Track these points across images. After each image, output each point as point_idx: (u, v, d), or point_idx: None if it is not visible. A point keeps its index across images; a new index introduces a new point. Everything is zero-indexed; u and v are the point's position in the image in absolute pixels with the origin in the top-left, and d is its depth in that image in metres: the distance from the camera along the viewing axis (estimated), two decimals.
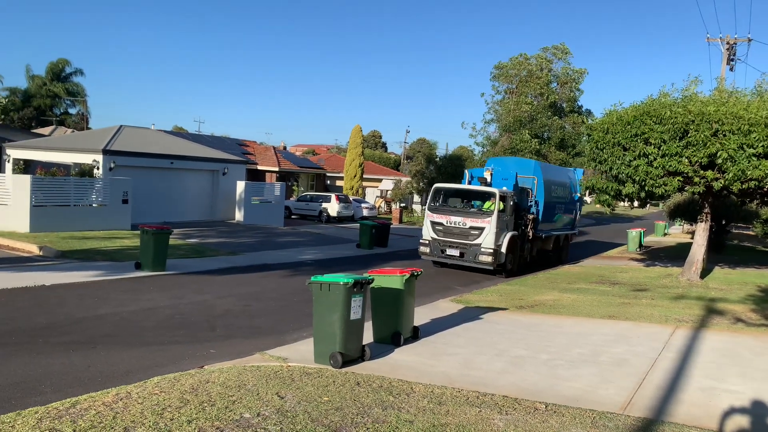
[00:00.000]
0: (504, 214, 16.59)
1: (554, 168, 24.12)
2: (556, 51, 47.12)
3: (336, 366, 7.09)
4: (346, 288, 7.14)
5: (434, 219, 17.22)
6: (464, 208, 17.13)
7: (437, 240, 17.09)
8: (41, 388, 6.30)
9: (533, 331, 9.85)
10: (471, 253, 16.43)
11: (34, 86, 50.24)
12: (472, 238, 16.46)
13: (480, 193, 17.35)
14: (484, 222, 16.36)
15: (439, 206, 17.44)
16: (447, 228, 16.92)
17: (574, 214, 23.26)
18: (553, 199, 20.28)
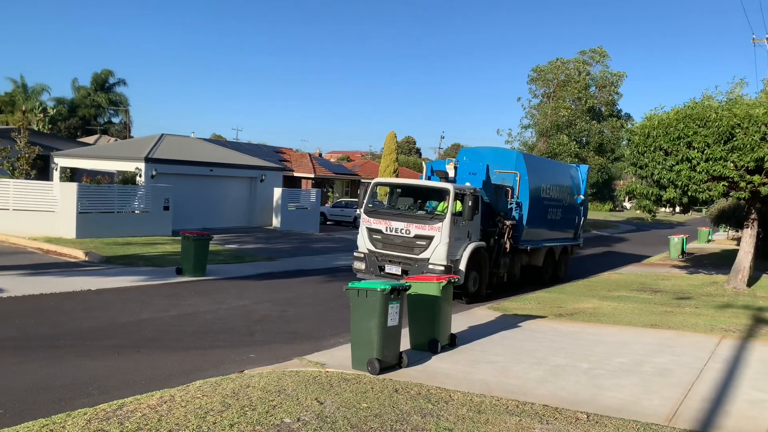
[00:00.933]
0: (462, 219, 12.58)
1: (547, 162, 20.08)
2: (594, 54, 46.43)
3: (374, 372, 7.11)
4: (383, 294, 7.16)
5: (371, 225, 13.10)
6: (409, 211, 13.20)
7: (375, 253, 12.99)
8: (89, 389, 6.50)
9: (573, 340, 9.70)
10: (416, 271, 12.10)
11: (79, 97, 51.93)
12: (418, 251, 12.39)
13: (429, 190, 13.57)
14: (433, 229, 12.32)
15: (378, 208, 13.69)
16: (386, 237, 12.84)
17: (576, 221, 19.04)
18: (545, 202, 16.50)
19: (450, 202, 12.39)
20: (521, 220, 15.11)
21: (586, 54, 46.18)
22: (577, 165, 20.33)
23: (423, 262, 12.31)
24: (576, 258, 26.29)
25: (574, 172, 19.37)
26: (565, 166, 20.24)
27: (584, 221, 19.80)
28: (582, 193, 18.96)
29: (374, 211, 13.33)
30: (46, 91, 48.21)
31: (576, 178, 19.10)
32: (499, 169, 15.24)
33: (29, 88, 46.22)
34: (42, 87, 47.36)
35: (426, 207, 13.30)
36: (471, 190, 12.86)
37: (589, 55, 46.19)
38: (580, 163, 38.04)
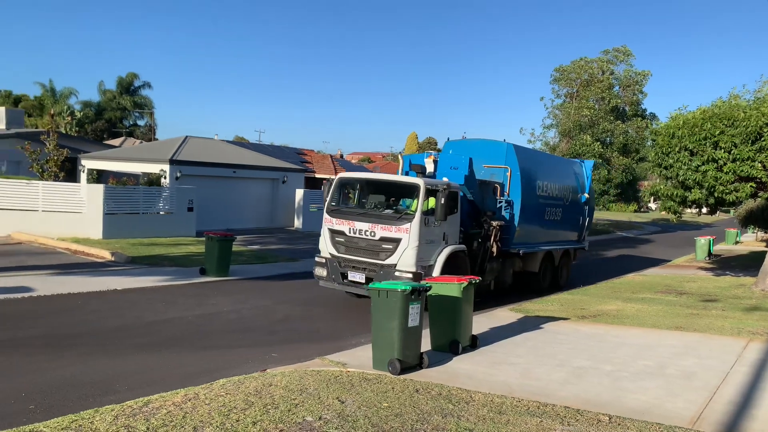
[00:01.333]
0: (433, 219, 10.96)
1: (545, 157, 17.70)
2: (618, 53, 45.91)
3: (394, 372, 7.14)
4: (404, 295, 7.19)
5: (333, 226, 11.53)
6: (374, 210, 11.52)
7: (337, 258, 11.42)
8: (116, 387, 6.64)
9: (596, 342, 9.61)
10: (381, 279, 10.27)
11: (105, 100, 52.87)
12: (384, 256, 10.84)
13: (397, 186, 11.92)
14: (400, 230, 10.75)
15: (341, 207, 11.90)
16: (350, 240, 11.26)
17: (580, 222, 17.23)
18: (542, 200, 14.85)
19: (420, 199, 10.82)
20: (512, 220, 13.58)
21: (609, 53, 45.69)
22: (581, 160, 18.53)
23: (389, 268, 10.75)
24: (600, 260, 26.04)
25: (577, 168, 17.58)
26: (567, 161, 18.34)
27: (590, 222, 17.80)
28: (587, 191, 17.21)
29: (337, 210, 11.72)
30: (74, 94, 49.22)
31: (580, 175, 17.37)
32: (489, 164, 13.75)
33: (57, 92, 47.20)
34: (70, 91, 48.34)
35: (399, 206, 11.50)
36: (444, 185, 11.09)
37: (613, 54, 45.69)
38: (604, 163, 37.80)
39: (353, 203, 12.13)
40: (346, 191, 12.38)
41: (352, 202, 12.19)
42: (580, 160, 18.47)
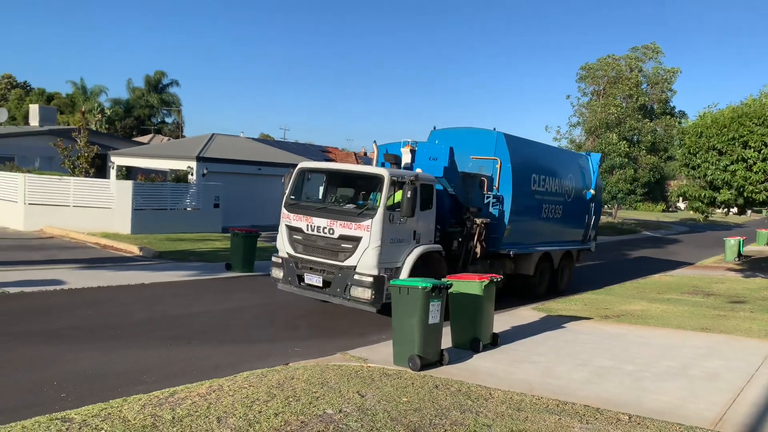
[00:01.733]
0: (399, 214, 9.69)
1: (542, 148, 15.26)
2: (647, 50, 45.17)
3: (414, 369, 7.20)
4: (425, 292, 7.25)
5: (291, 222, 10.43)
6: (335, 205, 10.41)
7: (294, 258, 10.34)
8: (143, 377, 6.82)
9: (618, 342, 9.56)
10: (339, 283, 9.68)
11: (134, 97, 53.82)
12: (343, 256, 9.71)
13: (360, 177, 10.75)
14: (360, 227, 9.56)
15: (301, 201, 10.71)
16: (308, 238, 10.14)
17: (586, 220, 15.77)
18: (538, 195, 13.52)
19: (384, 192, 9.64)
20: (502, 217, 12.33)
21: (638, 50, 45.00)
22: (588, 153, 16.87)
23: (348, 270, 9.61)
24: (625, 260, 25.74)
25: (583, 162, 16.12)
26: (570, 153, 16.49)
27: (596, 220, 16.34)
28: (593, 187, 15.75)
29: (295, 204, 10.58)
30: (104, 92, 50.20)
31: (585, 169, 15.90)
32: (477, 155, 12.48)
33: (88, 90, 48.20)
34: (100, 88, 49.32)
35: (369, 200, 10.15)
36: (412, 177, 9.83)
37: (642, 51, 44.99)
38: (630, 163, 37.27)
39: (318, 197, 10.94)
40: (308, 183, 11.15)
41: (317, 196, 11.03)
42: (586, 153, 16.92)
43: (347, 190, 10.72)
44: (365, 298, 9.42)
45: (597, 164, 16.13)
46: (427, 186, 10.46)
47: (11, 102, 53.90)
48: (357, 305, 9.69)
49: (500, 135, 12.65)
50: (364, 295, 9.42)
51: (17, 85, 59.19)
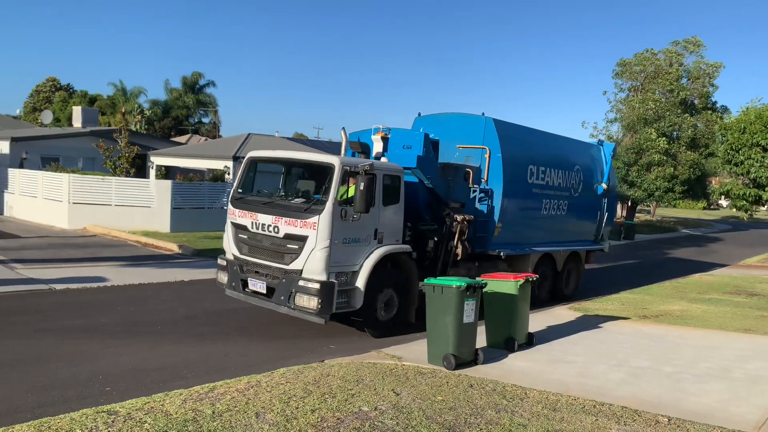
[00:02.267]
0: (351, 209, 8.49)
1: (543, 136, 13.28)
2: (688, 44, 43.98)
3: (449, 368, 7.22)
4: (459, 291, 7.25)
5: (236, 219, 9.43)
6: (282, 199, 9.31)
7: (239, 260, 9.36)
8: (183, 373, 7.01)
9: (657, 342, 9.38)
10: (283, 290, 8.58)
11: (172, 98, 54.91)
12: (289, 259, 8.58)
13: (310, 166, 9.60)
14: (306, 225, 8.39)
15: (247, 195, 9.61)
16: (253, 237, 9.10)
17: (597, 217, 14.32)
18: (536, 189, 12.15)
19: (334, 184, 8.41)
20: (491, 214, 11.04)
21: (678, 44, 43.87)
22: (600, 143, 15.24)
23: (293, 275, 8.46)
24: (664, 258, 25.18)
25: (594, 152, 14.53)
26: (578, 143, 14.74)
27: (610, 217, 14.83)
28: (605, 181, 14.17)
29: (241, 199, 9.51)
30: (143, 93, 51.35)
31: (597, 160, 14.40)
32: (464, 144, 11.20)
33: (128, 91, 49.38)
34: (139, 90, 50.47)
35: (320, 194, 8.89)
36: (367, 165, 8.53)
37: (683, 45, 43.84)
38: (669, 159, 36.36)
39: (272, 192, 9.79)
40: (261, 176, 10.08)
41: (272, 190, 9.90)
42: (597, 143, 15.26)
43: (300, 182, 9.68)
44: (310, 307, 8.23)
45: (610, 155, 14.59)
46: (391, 177, 9.23)
47: (55, 104, 55.64)
48: (303, 316, 8.46)
49: (489, 120, 11.24)
50: (310, 304, 8.22)
51: (61, 88, 61.06)
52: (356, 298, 8.66)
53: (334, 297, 8.31)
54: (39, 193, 20.75)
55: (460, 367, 7.30)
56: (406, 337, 9.22)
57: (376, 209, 8.86)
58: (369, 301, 8.81)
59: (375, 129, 10.10)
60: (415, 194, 10.07)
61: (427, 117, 12.40)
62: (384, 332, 9.17)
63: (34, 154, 24.77)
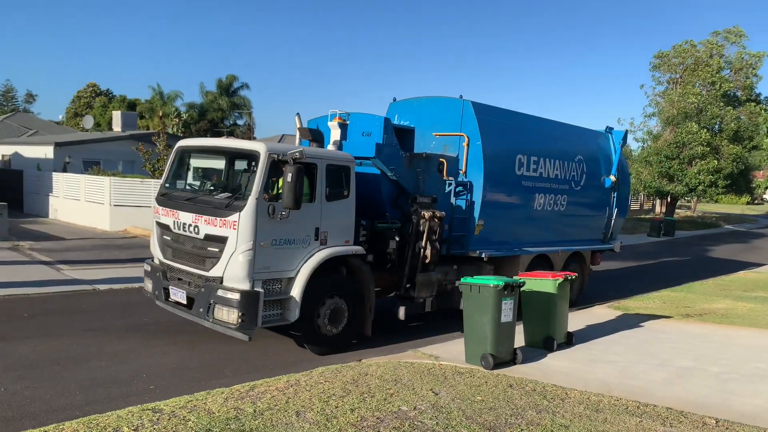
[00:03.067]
0: (278, 204, 7.23)
1: (535, 121, 11.61)
2: (729, 35, 42.71)
3: (487, 367, 7.16)
4: (497, 290, 7.19)
5: (160, 218, 8.31)
6: (206, 193, 8.29)
7: (163, 265, 8.28)
8: (224, 371, 7.12)
9: (701, 342, 9.14)
10: (202, 301, 7.45)
11: (207, 101, 55.83)
12: (210, 264, 7.44)
13: (236, 155, 8.47)
14: (226, 224, 7.25)
15: (173, 191, 8.56)
16: (176, 238, 7.98)
17: (606, 214, 12.85)
18: (527, 182, 10.73)
19: (258, 175, 7.23)
20: (471, 210, 9.77)
21: (719, 35, 42.64)
22: (608, 130, 13.31)
23: (213, 283, 7.36)
24: (706, 255, 24.50)
25: (602, 141, 12.94)
26: (580, 130, 12.85)
27: (621, 213, 13.27)
28: (613, 172, 12.64)
29: (166, 195, 8.42)
30: (180, 97, 52.38)
31: (605, 149, 12.84)
32: (441, 131, 10.00)
33: (165, 95, 50.44)
34: (176, 93, 51.50)
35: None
36: (297, 153, 7.21)
37: (724, 36, 42.59)
38: (711, 153, 35.38)
39: (199, 186, 8.83)
40: (189, 167, 9.13)
41: (200, 184, 8.95)
42: (605, 130, 13.33)
43: (231, 175, 8.55)
44: (230, 321, 7.09)
45: (620, 143, 13.01)
46: (338, 167, 8.01)
47: (96, 109, 57.16)
48: (226, 331, 7.32)
49: (467, 104, 9.92)
50: (229, 318, 7.08)
51: (101, 93, 62.69)
52: (291, 309, 7.45)
53: (260, 309, 7.12)
54: (81, 196, 21.32)
55: (499, 367, 7.25)
56: (443, 336, 9.19)
57: (318, 205, 7.73)
58: (308, 312, 7.62)
59: (332, 114, 8.91)
60: (377, 188, 8.97)
61: (402, 102, 11.16)
62: (331, 349, 8.00)
63: (77, 159, 25.48)
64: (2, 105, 67.68)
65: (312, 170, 7.65)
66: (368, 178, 8.84)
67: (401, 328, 9.79)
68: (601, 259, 13.44)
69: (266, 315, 7.31)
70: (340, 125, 8.74)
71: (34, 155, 26.73)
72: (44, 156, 25.89)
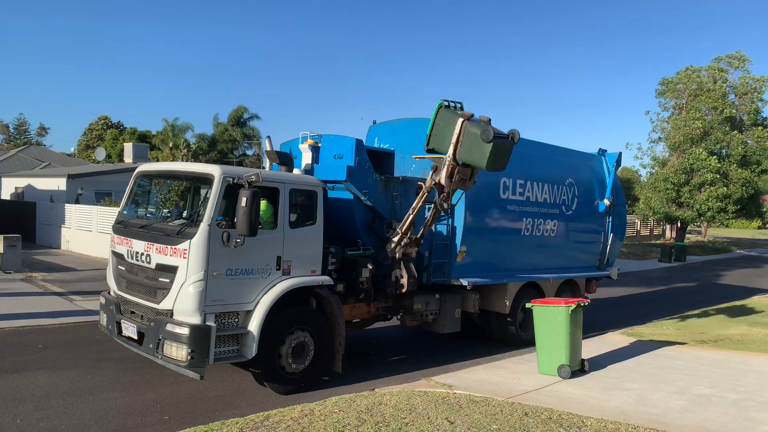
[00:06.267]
0: (234, 231, 6.77)
1: (522, 144, 8.95)
2: (732, 59, 43.00)
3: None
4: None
5: (115, 247, 7.91)
6: (159, 220, 8.06)
7: (117, 298, 7.86)
8: (237, 401, 7.11)
9: (718, 369, 9.03)
10: (152, 336, 6.91)
11: (218, 132, 56.58)
12: (161, 295, 6.95)
13: (190, 179, 8.00)
14: (177, 252, 6.79)
15: (129, 218, 8.13)
16: (130, 268, 7.53)
17: (601, 239, 12.52)
18: (513, 207, 10.38)
19: (212, 200, 6.81)
20: (452, 236, 9.36)
21: (722, 60, 42.93)
22: (601, 152, 12.88)
23: (162, 317, 6.87)
24: (718, 280, 24.29)
25: (595, 164, 12.58)
26: (571, 152, 12.35)
27: (616, 239, 12.84)
28: (607, 196, 12.28)
29: (122, 222, 8.01)
30: (190, 129, 53.10)
31: (598, 172, 12.51)
32: (421, 154, 9.12)
33: (177, 127, 51.20)
34: (186, 125, 52.22)
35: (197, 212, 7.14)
36: (253, 176, 6.77)
37: (726, 61, 42.89)
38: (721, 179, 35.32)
39: (155, 212, 8.56)
40: (154, 195, 8.84)
41: (158, 210, 8.69)
42: (598, 152, 12.89)
43: (187, 200, 8.26)
44: (179, 358, 6.55)
45: (614, 166, 12.64)
46: (302, 192, 7.63)
47: (107, 141, 57.95)
48: (178, 369, 6.73)
49: None
50: (179, 355, 6.54)
51: (112, 126, 63.65)
52: (249, 345, 6.91)
53: (211, 344, 6.60)
54: (94, 227, 21.52)
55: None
56: (455, 365, 9.15)
57: (280, 232, 7.28)
58: (268, 348, 7.08)
59: (303, 137, 8.66)
60: (350, 213, 8.61)
61: (382, 125, 10.92)
62: (295, 388, 7.44)
63: (89, 190, 25.80)
64: (16, 138, 68.84)
65: (274, 195, 7.28)
66: (341, 202, 8.56)
67: (412, 358, 9.75)
68: (596, 287, 12.93)
69: (220, 351, 6.78)
70: (311, 148, 8.46)
71: (47, 187, 27.09)
72: (57, 188, 26.24)
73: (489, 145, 7.47)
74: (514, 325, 10.60)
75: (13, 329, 10.20)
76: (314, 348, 7.60)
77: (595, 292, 13.02)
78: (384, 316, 9.59)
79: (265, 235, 7.07)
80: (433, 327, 9.69)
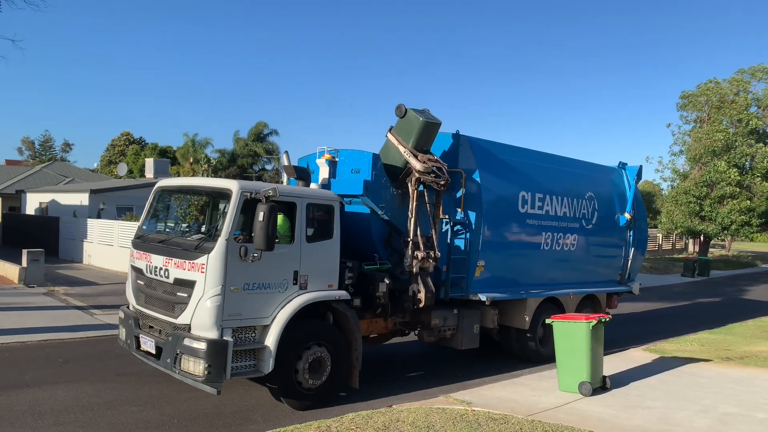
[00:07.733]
0: (251, 245, 6.80)
1: (539, 157, 11.02)
2: (755, 72, 42.50)
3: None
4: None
5: (135, 262, 8.01)
6: (178, 235, 8.17)
7: (135, 312, 7.93)
8: (254, 417, 7.09)
9: (744, 387, 8.81)
10: (169, 350, 6.94)
11: (238, 147, 57.20)
12: (179, 310, 6.97)
13: (208, 194, 8.23)
14: (195, 267, 6.83)
15: (149, 233, 8.22)
16: (149, 282, 7.56)
17: (622, 254, 12.40)
18: (532, 221, 10.30)
19: (230, 214, 6.85)
20: (471, 250, 9.30)
21: (744, 72, 42.45)
22: (621, 165, 12.83)
23: (180, 331, 6.91)
24: (744, 296, 23.79)
25: (615, 177, 12.53)
26: (590, 165, 12.28)
27: (638, 253, 12.68)
28: (628, 210, 12.18)
29: (142, 237, 8.10)
30: (210, 144, 53.79)
31: (619, 186, 12.46)
32: None
33: (197, 142, 51.89)
34: (207, 141, 52.93)
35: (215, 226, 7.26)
36: (270, 191, 6.86)
37: (749, 73, 42.39)
38: (743, 191, 34.73)
39: (175, 227, 8.67)
40: (174, 209, 8.99)
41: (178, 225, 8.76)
42: (618, 165, 12.84)
43: (206, 215, 8.37)
44: (196, 373, 6.57)
45: (634, 179, 12.55)
46: (320, 207, 7.63)
47: (129, 157, 58.87)
48: (195, 384, 6.73)
49: (464, 138, 9.52)
50: (196, 370, 6.57)
51: (134, 141, 64.67)
52: (265, 360, 6.91)
53: (228, 360, 6.60)
54: (115, 241, 21.79)
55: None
56: (474, 381, 9.04)
57: (297, 246, 7.27)
58: (284, 363, 7.05)
59: (321, 151, 8.57)
60: (367, 227, 8.59)
61: None
62: (312, 403, 7.36)
63: (111, 205, 26.16)
64: (41, 154, 70.25)
65: (291, 209, 7.30)
66: (358, 217, 8.57)
67: (430, 374, 9.67)
68: (618, 303, 12.70)
69: (236, 366, 6.79)
70: (329, 162, 8.42)
71: (70, 202, 27.53)
72: (80, 203, 26.64)
73: (403, 120, 8.73)
74: (533, 341, 10.45)
75: (35, 343, 10.33)
76: (331, 363, 7.55)
77: (617, 308, 12.82)
78: (401, 332, 9.53)
79: (282, 250, 7.05)
80: (452, 342, 9.64)
